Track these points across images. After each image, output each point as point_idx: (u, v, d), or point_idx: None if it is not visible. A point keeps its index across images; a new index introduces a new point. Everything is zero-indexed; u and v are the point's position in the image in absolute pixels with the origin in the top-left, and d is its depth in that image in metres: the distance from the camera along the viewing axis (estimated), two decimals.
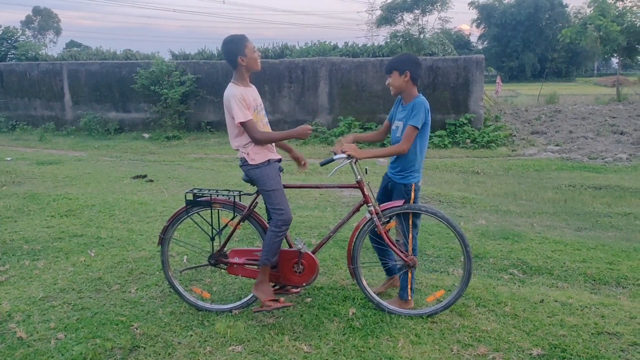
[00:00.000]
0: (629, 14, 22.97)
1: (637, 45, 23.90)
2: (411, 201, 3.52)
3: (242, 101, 3.34)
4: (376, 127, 13.64)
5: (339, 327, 3.38)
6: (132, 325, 3.40)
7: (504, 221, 6.19)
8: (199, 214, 3.65)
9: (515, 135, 13.76)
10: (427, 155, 3.90)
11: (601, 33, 21.85)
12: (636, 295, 4.00)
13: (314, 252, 3.58)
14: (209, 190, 3.63)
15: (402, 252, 3.49)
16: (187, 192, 3.61)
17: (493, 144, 12.60)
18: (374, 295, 3.60)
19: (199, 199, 3.59)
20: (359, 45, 20.12)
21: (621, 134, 13.62)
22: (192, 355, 3.07)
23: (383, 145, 8.96)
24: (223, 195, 3.60)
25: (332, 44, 19.65)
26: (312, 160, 11.36)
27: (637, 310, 3.60)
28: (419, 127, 3.46)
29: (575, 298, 3.79)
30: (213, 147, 13.35)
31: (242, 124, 3.34)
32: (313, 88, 14.43)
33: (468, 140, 12.74)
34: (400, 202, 3.48)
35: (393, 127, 3.69)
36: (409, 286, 3.56)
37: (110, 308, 3.69)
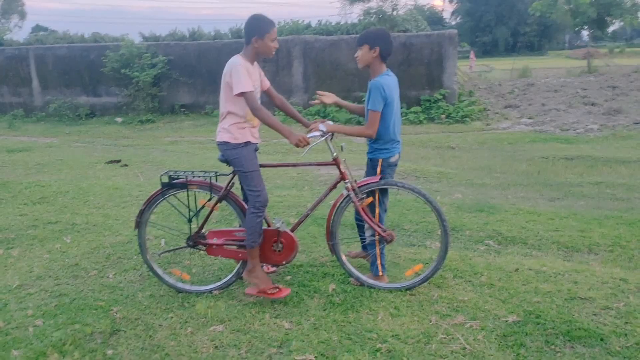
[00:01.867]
0: None
1: (606, 17, 24.23)
2: (377, 175, 3.54)
3: (246, 72, 3.29)
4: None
5: (319, 303, 3.41)
6: (112, 310, 3.38)
7: (480, 194, 6.28)
8: (175, 196, 3.63)
9: (489, 110, 13.90)
10: (402, 131, 3.91)
11: (571, 6, 22.09)
12: (607, 261, 4.12)
13: (292, 230, 3.59)
14: (185, 172, 3.60)
15: (379, 226, 3.52)
16: (162, 175, 3.58)
17: (467, 119, 12.71)
18: (354, 270, 3.64)
19: (174, 181, 3.55)
20: (332, 24, 19.93)
21: (592, 105, 13.87)
22: (174, 336, 3.07)
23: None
24: (199, 176, 3.57)
25: (305, 22, 19.46)
26: (286, 141, 11.33)
27: (609, 275, 3.70)
28: (379, 109, 3.47)
29: (549, 266, 3.89)
30: (188, 130, 13.20)
31: (243, 94, 3.26)
32: (287, 67, 14.32)
33: (443, 116, 12.82)
34: (376, 179, 3.50)
35: None
36: (379, 261, 3.60)
37: (89, 293, 3.66)
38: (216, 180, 3.58)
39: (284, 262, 3.58)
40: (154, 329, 3.15)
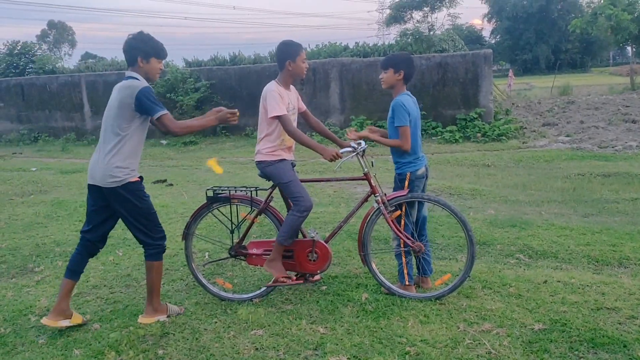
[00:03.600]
0: (639, 2, 22.85)
1: None
2: (405, 189, 3.76)
3: (280, 97, 3.63)
4: None
5: (352, 311, 3.62)
6: None
7: (513, 210, 6.37)
8: (219, 210, 3.93)
9: (526, 128, 13.86)
10: (438, 150, 4.16)
11: (612, 22, 21.78)
12: (637, 274, 4.18)
13: (326, 241, 3.83)
14: (228, 187, 3.90)
15: (408, 238, 3.72)
16: (207, 189, 3.89)
17: (504, 137, 12.72)
18: (385, 280, 3.84)
19: (218, 195, 3.86)
20: (370, 45, 20.27)
21: (633, 122, 13.65)
22: (218, 339, 3.33)
23: None
24: (241, 191, 3.86)
25: (342, 44, 19.87)
26: (322, 160, 11.60)
27: (637, 287, 3.78)
28: (407, 124, 3.71)
29: (577, 278, 3.98)
30: (229, 151, 13.68)
31: (277, 117, 3.60)
32: (325, 89, 14.69)
33: (479, 135, 12.88)
34: (404, 192, 3.72)
35: None
36: (405, 271, 3.79)
37: (140, 301, 3.97)
38: (256, 195, 3.87)
39: (318, 271, 3.81)
40: (199, 333, 3.42)
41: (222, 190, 3.88)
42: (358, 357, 3.03)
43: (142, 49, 3.46)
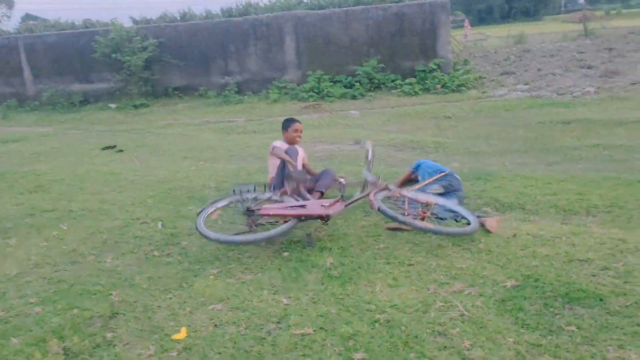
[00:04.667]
0: None
1: None
2: None
3: (280, 145, 4.99)
4: (346, 79, 13.50)
5: (317, 277, 3.41)
6: (110, 294, 3.38)
7: (477, 162, 6.25)
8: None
9: (485, 78, 13.78)
10: (398, 103, 4.09)
11: None
12: (605, 222, 4.11)
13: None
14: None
15: None
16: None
17: (463, 88, 12.61)
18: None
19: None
20: None
21: (589, 68, 13.74)
22: (173, 316, 3.07)
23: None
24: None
25: None
26: (280, 118, 11.27)
27: (607, 236, 3.69)
28: None
29: (546, 230, 3.87)
30: (182, 112, 13.13)
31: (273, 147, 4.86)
32: (279, 44, 14.16)
33: (438, 86, 12.71)
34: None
35: None
36: None
37: (87, 279, 3.65)
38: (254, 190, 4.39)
39: None
40: (152, 311, 3.15)
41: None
42: (324, 328, 2.82)
43: None
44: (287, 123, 5.20)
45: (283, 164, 4.68)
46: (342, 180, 4.38)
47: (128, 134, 10.77)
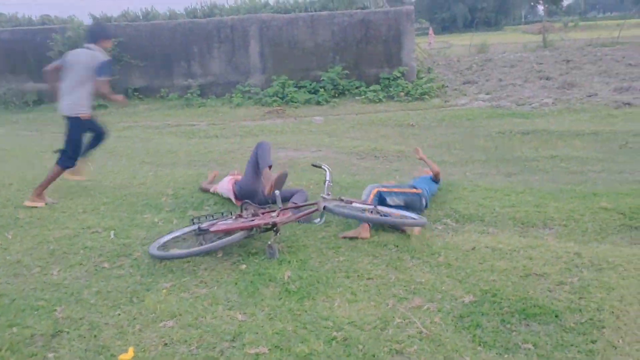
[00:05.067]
0: None
1: None
2: None
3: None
4: (310, 84, 13.44)
5: (274, 292, 3.31)
6: (55, 310, 3.19)
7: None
8: None
9: (447, 86, 13.95)
10: (362, 110, 4.16)
11: None
12: (562, 235, 4.15)
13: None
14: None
15: None
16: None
17: (426, 96, 12.71)
18: None
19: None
20: (291, 2, 19.58)
21: (547, 79, 14.08)
22: (120, 335, 2.92)
23: None
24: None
25: (262, 1, 19.03)
26: (247, 123, 11.11)
27: (563, 250, 3.72)
28: None
29: (504, 242, 3.88)
30: (142, 114, 12.80)
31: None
32: (244, 48, 13.99)
33: (402, 94, 12.78)
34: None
35: None
36: None
37: (30, 293, 3.45)
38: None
39: None
40: (99, 329, 2.99)
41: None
42: (280, 346, 2.73)
43: None
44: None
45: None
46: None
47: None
